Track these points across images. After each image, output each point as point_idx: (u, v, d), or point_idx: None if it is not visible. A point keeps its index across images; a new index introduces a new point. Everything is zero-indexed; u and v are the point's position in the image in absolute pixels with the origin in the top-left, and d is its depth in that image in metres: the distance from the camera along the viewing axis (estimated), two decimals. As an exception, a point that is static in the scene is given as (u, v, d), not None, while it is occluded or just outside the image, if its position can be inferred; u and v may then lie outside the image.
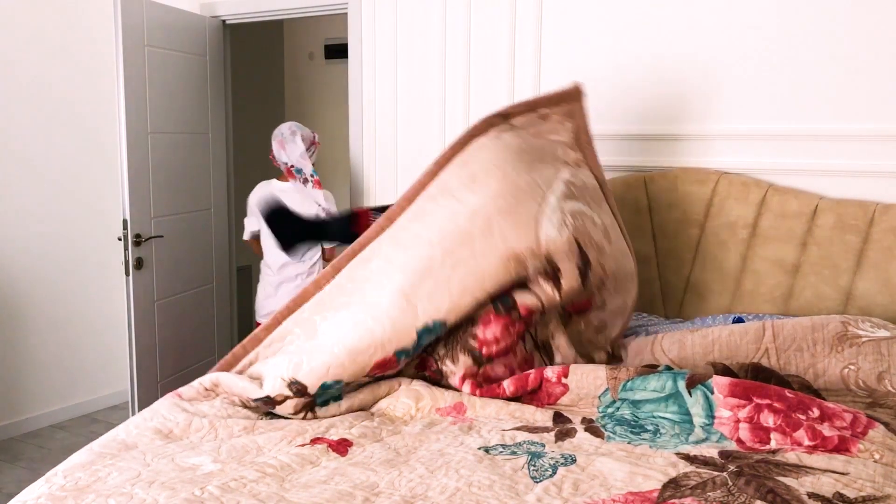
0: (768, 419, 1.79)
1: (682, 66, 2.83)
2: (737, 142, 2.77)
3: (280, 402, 1.93)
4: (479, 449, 1.72)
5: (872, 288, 2.52)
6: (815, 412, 1.79)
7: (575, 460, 1.64)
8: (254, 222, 3.47)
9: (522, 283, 2.07)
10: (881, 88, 2.54)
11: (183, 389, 2.04)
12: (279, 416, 1.95)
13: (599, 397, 1.98)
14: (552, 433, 1.82)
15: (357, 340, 1.95)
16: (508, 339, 2.07)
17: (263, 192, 3.39)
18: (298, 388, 1.92)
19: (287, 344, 2.11)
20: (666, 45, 2.85)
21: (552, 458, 1.65)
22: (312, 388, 1.91)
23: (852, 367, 2.13)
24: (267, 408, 1.95)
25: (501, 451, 1.71)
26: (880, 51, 2.53)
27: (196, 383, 2.04)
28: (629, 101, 2.94)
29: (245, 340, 2.14)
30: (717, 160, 2.80)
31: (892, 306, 2.50)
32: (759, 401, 1.85)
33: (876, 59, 2.54)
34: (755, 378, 2.17)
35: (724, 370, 2.19)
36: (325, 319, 2.07)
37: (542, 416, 1.92)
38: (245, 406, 1.99)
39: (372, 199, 3.56)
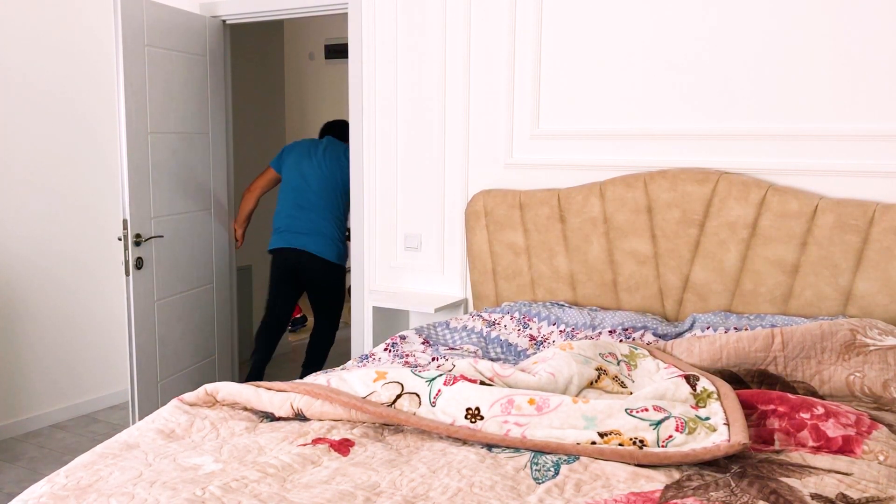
0: (773, 423, 1.80)
1: (682, 65, 2.84)
2: (737, 142, 2.77)
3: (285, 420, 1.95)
4: (482, 447, 1.73)
5: (872, 288, 2.52)
6: (820, 409, 1.79)
7: (577, 459, 1.64)
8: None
9: None
10: (881, 88, 2.54)
11: (186, 395, 2.04)
12: (279, 419, 1.95)
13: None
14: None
15: None
16: None
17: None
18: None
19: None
20: (667, 44, 2.85)
21: (554, 457, 1.65)
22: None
23: (858, 374, 2.14)
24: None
25: (504, 449, 1.71)
26: (881, 50, 2.53)
27: (199, 390, 2.05)
28: (630, 100, 2.94)
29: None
30: (717, 160, 2.81)
31: (892, 306, 2.50)
32: (763, 407, 1.86)
33: (876, 59, 2.54)
34: (761, 384, 2.18)
35: (731, 377, 2.20)
36: None
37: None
38: (246, 409, 1.99)
39: (372, 198, 3.55)
